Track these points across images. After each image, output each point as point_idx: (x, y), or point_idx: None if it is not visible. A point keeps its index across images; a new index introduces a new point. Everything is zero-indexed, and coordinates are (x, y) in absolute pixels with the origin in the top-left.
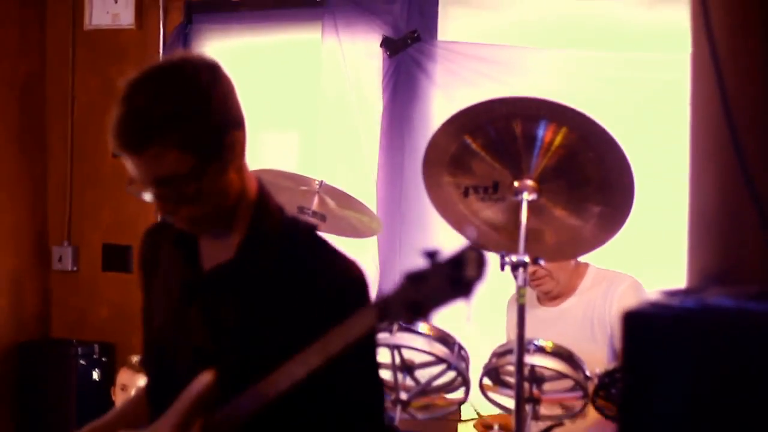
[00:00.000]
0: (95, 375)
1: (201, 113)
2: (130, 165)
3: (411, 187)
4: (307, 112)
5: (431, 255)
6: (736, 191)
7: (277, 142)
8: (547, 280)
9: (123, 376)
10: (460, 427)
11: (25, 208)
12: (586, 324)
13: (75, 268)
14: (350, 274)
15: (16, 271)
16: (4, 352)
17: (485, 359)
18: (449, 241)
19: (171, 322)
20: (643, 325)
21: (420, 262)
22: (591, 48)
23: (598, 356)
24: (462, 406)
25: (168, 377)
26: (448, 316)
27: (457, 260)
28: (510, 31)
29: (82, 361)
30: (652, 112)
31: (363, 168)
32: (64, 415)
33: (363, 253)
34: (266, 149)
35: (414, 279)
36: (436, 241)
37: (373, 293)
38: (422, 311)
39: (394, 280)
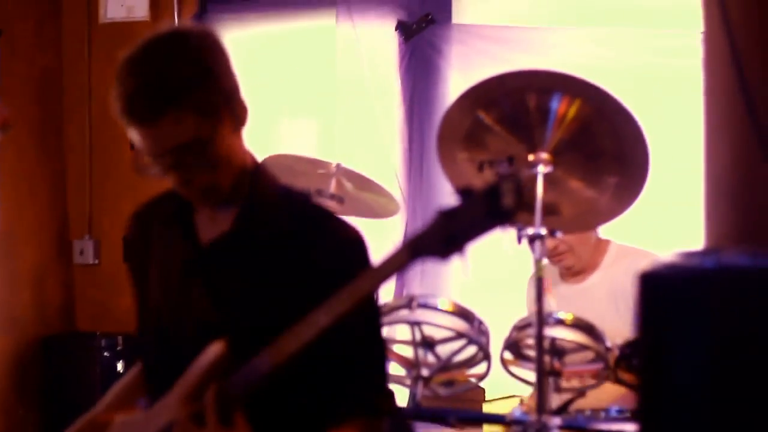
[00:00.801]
0: (119, 366)
1: (212, 77)
2: (144, 138)
3: (432, 168)
4: (324, 98)
5: (465, 192)
6: (751, 154)
7: (295, 128)
8: (568, 255)
9: None
10: (485, 407)
11: (46, 203)
12: (610, 300)
13: (96, 261)
14: (348, 234)
15: (38, 265)
16: (28, 346)
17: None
18: None
19: (172, 300)
20: (659, 286)
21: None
22: (606, 25)
23: (623, 332)
24: (486, 388)
25: (170, 356)
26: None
27: (493, 191)
28: (524, 11)
29: (106, 353)
30: (668, 88)
31: (381, 150)
32: (90, 406)
33: (386, 235)
34: (284, 136)
35: (448, 215)
36: None
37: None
38: (458, 243)
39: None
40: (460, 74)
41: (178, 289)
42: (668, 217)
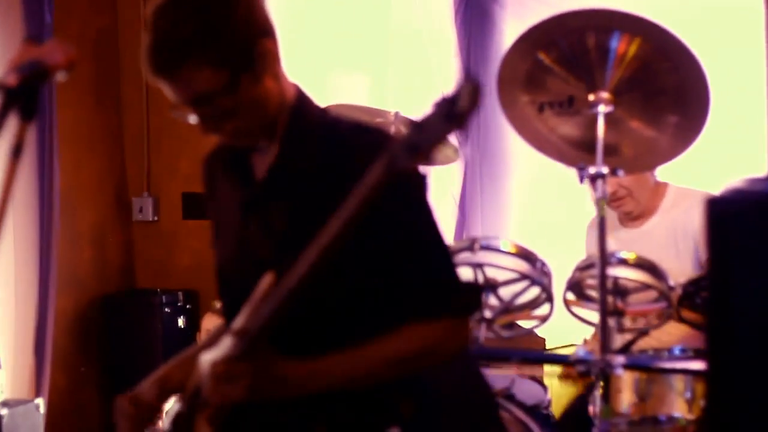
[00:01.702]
0: (180, 322)
1: (226, 28)
2: (167, 89)
3: (490, 118)
4: (377, 51)
5: (439, 100)
6: None
7: (348, 82)
8: (628, 200)
9: (208, 322)
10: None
11: (104, 162)
12: (670, 242)
13: (156, 218)
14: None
15: (98, 224)
16: (90, 305)
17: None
18: (528, 168)
19: (236, 244)
20: (727, 211)
21: None
22: None
23: (684, 273)
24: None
25: (239, 293)
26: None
27: (453, 96)
28: None
29: (167, 309)
30: (728, 26)
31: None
32: (152, 363)
33: (443, 184)
34: (336, 90)
35: (416, 124)
36: (518, 174)
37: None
38: (421, 150)
39: (474, 212)
40: (516, 21)
41: (240, 230)
42: (727, 158)
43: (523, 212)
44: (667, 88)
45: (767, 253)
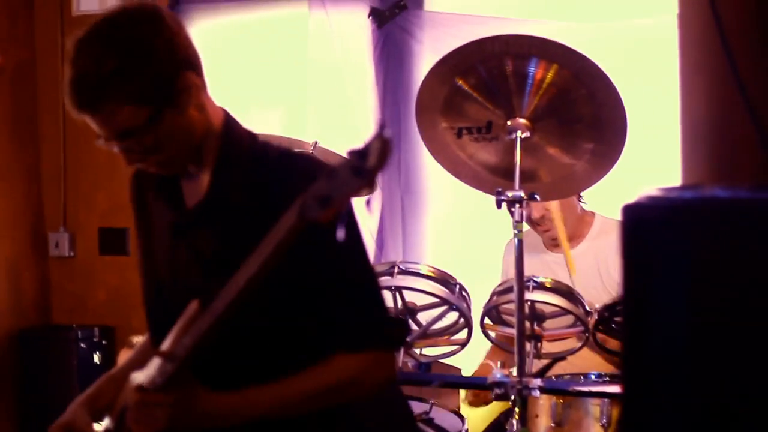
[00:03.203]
0: (96, 358)
1: (148, 65)
2: (90, 122)
3: (410, 151)
4: (295, 87)
5: (351, 152)
6: (728, 97)
7: (264, 118)
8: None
9: (124, 358)
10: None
11: (20, 196)
12: (594, 271)
13: (72, 254)
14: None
15: (13, 258)
16: (4, 340)
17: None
18: (449, 201)
19: (165, 266)
20: (641, 216)
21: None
22: (575, 19)
23: (604, 301)
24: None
25: (166, 315)
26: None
27: (362, 151)
28: (495, 2)
29: (82, 345)
30: (640, 69)
31: (355, 134)
32: (67, 398)
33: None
34: (253, 125)
35: (327, 174)
36: (437, 204)
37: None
38: (331, 203)
39: (395, 243)
40: (434, 58)
41: (170, 251)
42: (644, 184)
43: (443, 238)
44: (583, 116)
45: (679, 256)
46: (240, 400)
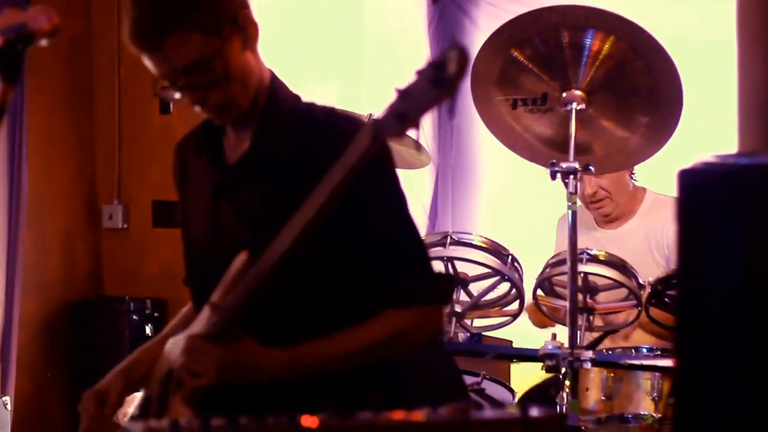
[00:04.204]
0: (148, 330)
1: None
2: (154, 63)
3: (463, 126)
4: (350, 64)
5: (426, 65)
6: None
7: (319, 93)
8: (607, 202)
9: None
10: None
11: (75, 168)
12: (644, 247)
13: (125, 226)
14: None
15: (67, 231)
16: (58, 311)
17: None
18: (502, 176)
19: (207, 226)
20: (697, 181)
21: None
22: None
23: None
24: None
25: (210, 279)
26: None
27: (439, 62)
28: None
29: (134, 317)
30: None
31: None
32: None
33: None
34: (308, 98)
35: (403, 92)
36: (490, 178)
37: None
38: (409, 118)
39: (446, 218)
40: (487, 32)
41: (211, 212)
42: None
43: (495, 213)
44: (639, 88)
45: (737, 223)
46: (290, 354)
